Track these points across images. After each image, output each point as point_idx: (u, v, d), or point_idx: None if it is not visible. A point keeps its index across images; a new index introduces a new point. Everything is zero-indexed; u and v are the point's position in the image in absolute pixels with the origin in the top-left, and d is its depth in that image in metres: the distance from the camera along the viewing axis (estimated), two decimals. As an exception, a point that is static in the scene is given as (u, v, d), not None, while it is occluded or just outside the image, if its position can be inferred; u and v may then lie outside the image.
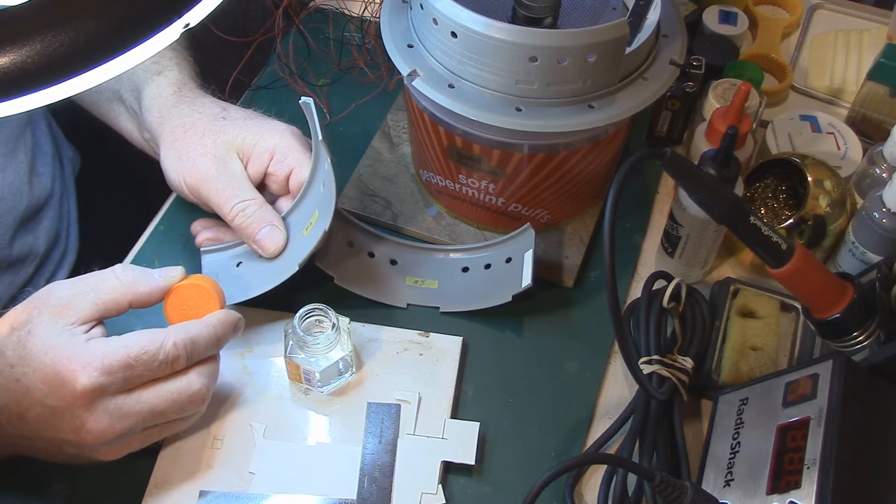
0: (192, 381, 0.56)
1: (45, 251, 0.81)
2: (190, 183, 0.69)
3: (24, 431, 0.54)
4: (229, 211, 0.67)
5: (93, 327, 0.55)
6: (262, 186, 0.71)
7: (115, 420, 0.53)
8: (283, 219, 0.68)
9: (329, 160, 0.64)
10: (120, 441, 0.55)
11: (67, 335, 0.53)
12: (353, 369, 0.66)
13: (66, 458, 0.56)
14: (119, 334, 0.55)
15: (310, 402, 0.65)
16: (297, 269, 0.66)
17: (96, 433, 0.53)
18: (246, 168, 0.69)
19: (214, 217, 0.71)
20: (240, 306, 0.67)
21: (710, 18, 0.87)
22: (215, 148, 0.68)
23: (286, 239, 0.68)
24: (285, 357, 0.63)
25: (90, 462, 0.56)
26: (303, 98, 0.64)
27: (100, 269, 0.58)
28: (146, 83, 0.73)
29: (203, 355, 0.57)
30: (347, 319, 0.64)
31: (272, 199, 0.71)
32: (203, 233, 0.72)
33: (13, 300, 0.77)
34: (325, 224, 0.64)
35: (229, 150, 0.69)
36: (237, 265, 0.70)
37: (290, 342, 0.63)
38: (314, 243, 0.65)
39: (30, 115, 0.80)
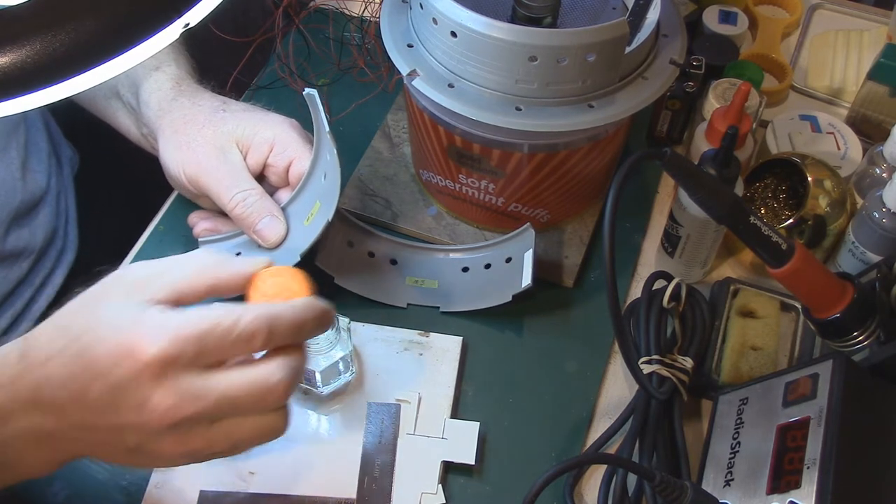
0: (271, 371, 0.48)
1: (42, 247, 0.81)
2: (189, 174, 0.68)
3: (85, 418, 0.48)
4: (229, 201, 0.67)
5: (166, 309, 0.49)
6: (261, 178, 0.71)
7: (184, 399, 0.46)
8: (283, 209, 0.69)
9: (335, 150, 0.64)
10: (186, 430, 0.47)
11: (139, 309, 0.48)
12: (353, 369, 0.66)
13: (126, 456, 0.49)
14: None
15: (310, 402, 0.65)
16: (300, 259, 0.66)
17: (161, 411, 0.46)
18: (245, 159, 0.69)
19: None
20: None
21: (710, 18, 0.87)
22: (215, 138, 0.69)
23: (286, 229, 0.68)
24: (285, 357, 0.63)
25: (150, 461, 0.50)
26: (306, 90, 0.65)
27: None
28: (144, 78, 0.73)
29: (284, 340, 0.49)
30: (347, 319, 0.64)
31: (271, 191, 0.71)
32: (201, 223, 0.72)
33: (8, 296, 0.77)
34: (329, 214, 0.64)
35: (229, 140, 0.69)
36: (236, 256, 0.70)
37: (290, 342, 0.63)
38: (316, 233, 0.65)
39: (24, 113, 0.80)
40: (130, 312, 0.47)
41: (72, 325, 0.48)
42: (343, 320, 0.63)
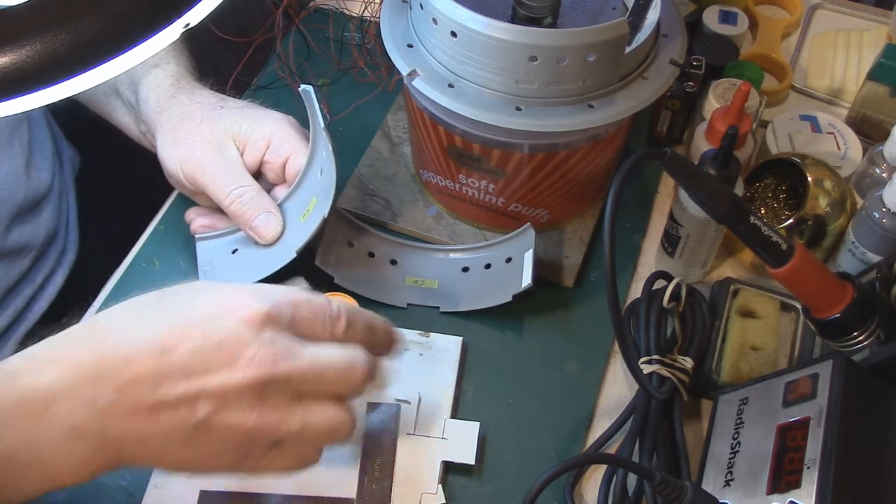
0: (356, 353, 0.49)
1: (43, 244, 0.81)
2: (186, 170, 0.69)
3: (159, 387, 0.45)
4: (225, 197, 0.67)
5: None
6: (258, 175, 0.71)
7: (279, 354, 0.46)
8: (279, 206, 0.69)
9: (330, 146, 0.64)
10: (268, 395, 0.46)
11: (233, 286, 0.49)
12: (353, 369, 0.66)
13: (179, 444, 0.46)
14: None
15: (310, 401, 0.65)
16: (295, 255, 0.66)
17: (256, 363, 0.46)
18: (242, 156, 0.69)
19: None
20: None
21: (710, 18, 0.87)
22: (212, 135, 0.69)
23: (283, 226, 0.68)
24: (285, 357, 0.63)
25: (205, 452, 0.47)
26: (302, 86, 0.65)
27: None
28: (143, 75, 0.73)
29: (359, 333, 0.51)
30: (347, 319, 0.64)
31: (268, 188, 0.71)
32: (197, 220, 0.73)
33: (9, 293, 0.77)
34: (325, 210, 0.65)
35: (226, 137, 0.69)
36: (232, 252, 0.70)
37: (290, 342, 0.63)
38: (312, 229, 0.66)
39: (27, 112, 0.80)
40: (226, 287, 0.49)
41: (159, 304, 0.48)
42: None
